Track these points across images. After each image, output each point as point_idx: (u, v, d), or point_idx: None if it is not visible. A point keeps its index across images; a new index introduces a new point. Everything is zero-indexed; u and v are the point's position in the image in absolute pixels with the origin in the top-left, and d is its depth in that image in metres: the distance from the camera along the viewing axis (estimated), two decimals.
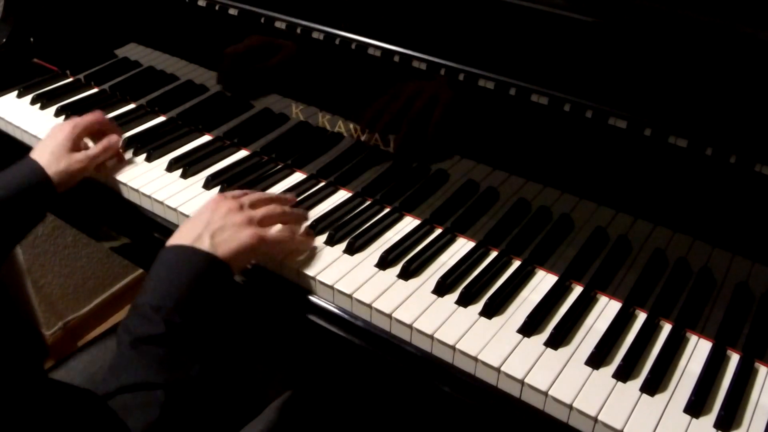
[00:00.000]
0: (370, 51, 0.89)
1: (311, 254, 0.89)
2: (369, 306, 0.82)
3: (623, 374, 0.74)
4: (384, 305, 0.81)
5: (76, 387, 0.64)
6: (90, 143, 1.06)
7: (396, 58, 0.88)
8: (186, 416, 0.70)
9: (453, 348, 0.77)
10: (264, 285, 0.90)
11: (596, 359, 0.75)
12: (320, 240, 0.91)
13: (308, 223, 0.94)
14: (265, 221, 0.86)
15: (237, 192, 0.91)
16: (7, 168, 0.95)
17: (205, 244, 0.78)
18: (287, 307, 0.88)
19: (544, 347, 0.77)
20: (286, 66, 1.01)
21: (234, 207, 0.84)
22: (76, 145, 1.00)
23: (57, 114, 1.20)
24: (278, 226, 0.89)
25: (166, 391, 0.68)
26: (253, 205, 0.87)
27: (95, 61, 1.27)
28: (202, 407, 0.73)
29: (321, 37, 0.93)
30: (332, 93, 0.99)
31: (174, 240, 0.80)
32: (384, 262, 0.87)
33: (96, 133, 1.06)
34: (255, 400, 1.01)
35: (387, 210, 0.97)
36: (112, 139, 1.05)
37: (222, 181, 1.01)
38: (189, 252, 0.78)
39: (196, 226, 0.81)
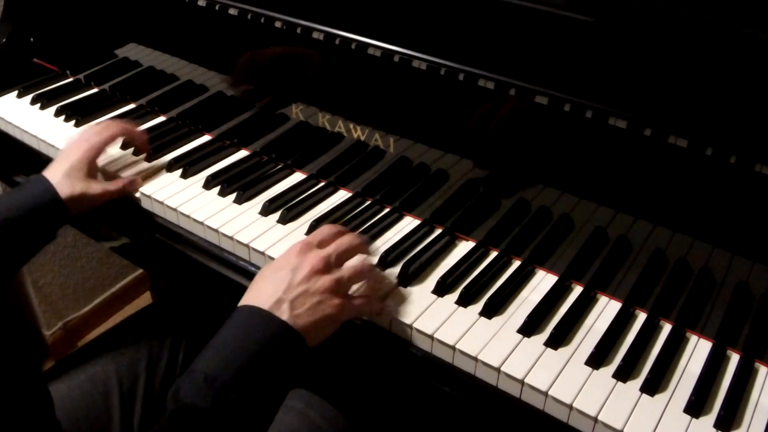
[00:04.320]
0: (370, 51, 0.89)
1: None
2: None
3: (623, 374, 0.74)
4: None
5: None
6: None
7: (396, 58, 0.88)
8: None
9: (453, 348, 0.77)
10: None
11: (596, 359, 0.75)
12: None
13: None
14: (354, 280, 0.78)
15: (324, 233, 0.80)
16: (19, 185, 0.92)
17: (284, 313, 0.70)
18: None
19: (544, 347, 0.77)
20: (286, 66, 1.01)
21: (319, 266, 0.74)
22: (92, 168, 0.96)
23: (57, 114, 1.20)
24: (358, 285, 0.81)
25: None
26: (340, 258, 0.77)
27: (95, 61, 1.27)
28: None
29: (321, 37, 0.93)
30: (332, 93, 0.99)
31: (250, 300, 0.72)
32: (384, 263, 0.87)
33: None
34: None
35: (387, 210, 0.98)
36: (137, 181, 1.02)
37: (222, 181, 1.01)
38: (264, 317, 0.70)
39: (277, 286, 0.72)
